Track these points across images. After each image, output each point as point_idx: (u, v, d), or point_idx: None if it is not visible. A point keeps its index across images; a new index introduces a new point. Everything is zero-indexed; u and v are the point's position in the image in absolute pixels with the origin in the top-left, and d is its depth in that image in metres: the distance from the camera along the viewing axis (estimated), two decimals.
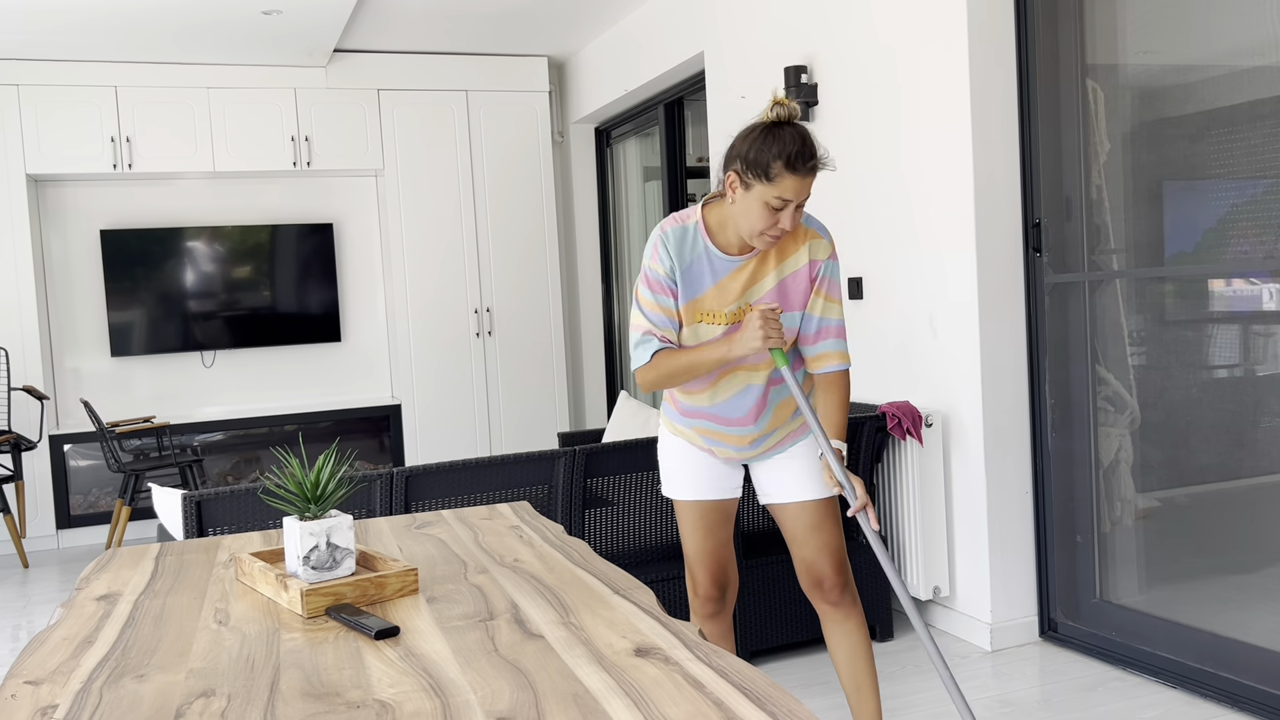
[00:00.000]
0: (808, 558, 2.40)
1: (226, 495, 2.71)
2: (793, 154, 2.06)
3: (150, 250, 5.95)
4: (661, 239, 2.24)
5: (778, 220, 2.12)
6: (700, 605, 2.47)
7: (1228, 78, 2.82)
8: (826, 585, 2.40)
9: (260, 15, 5.00)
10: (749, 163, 2.10)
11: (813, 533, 2.39)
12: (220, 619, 1.48)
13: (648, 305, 2.25)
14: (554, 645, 1.28)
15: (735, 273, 2.24)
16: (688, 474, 2.41)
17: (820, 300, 2.27)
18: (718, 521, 2.44)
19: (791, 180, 2.08)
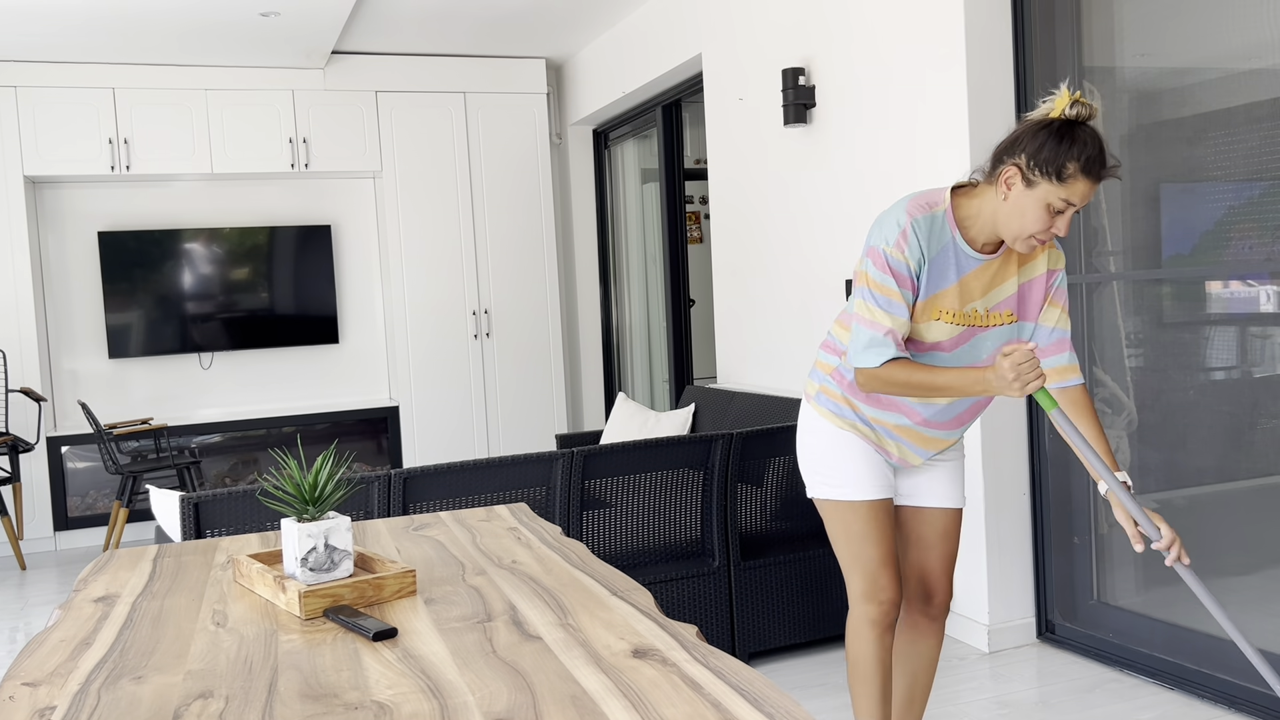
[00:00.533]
0: (928, 565, 2.30)
1: (224, 497, 2.71)
2: (1092, 157, 1.91)
3: (148, 252, 5.95)
4: (913, 226, 2.03)
5: (1053, 224, 1.96)
6: (885, 614, 2.24)
7: (1224, 80, 2.82)
8: (937, 600, 2.31)
9: (258, 17, 5.01)
10: (1039, 160, 1.93)
11: (941, 540, 2.30)
12: (218, 620, 1.48)
13: (887, 295, 2.03)
14: (552, 646, 1.28)
15: (979, 271, 2.07)
16: (869, 471, 2.22)
17: (1056, 311, 2.13)
18: (893, 521, 2.27)
19: (1084, 185, 1.92)
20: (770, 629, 3.40)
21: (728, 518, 3.33)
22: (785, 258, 4.40)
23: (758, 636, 3.38)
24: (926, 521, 2.29)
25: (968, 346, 2.10)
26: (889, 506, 2.24)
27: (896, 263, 2.03)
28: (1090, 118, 1.96)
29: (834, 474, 2.23)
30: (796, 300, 4.35)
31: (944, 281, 2.05)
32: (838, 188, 4.00)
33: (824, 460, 2.24)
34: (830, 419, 2.25)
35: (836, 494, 2.23)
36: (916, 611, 2.33)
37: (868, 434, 2.22)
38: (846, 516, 2.23)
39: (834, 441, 2.24)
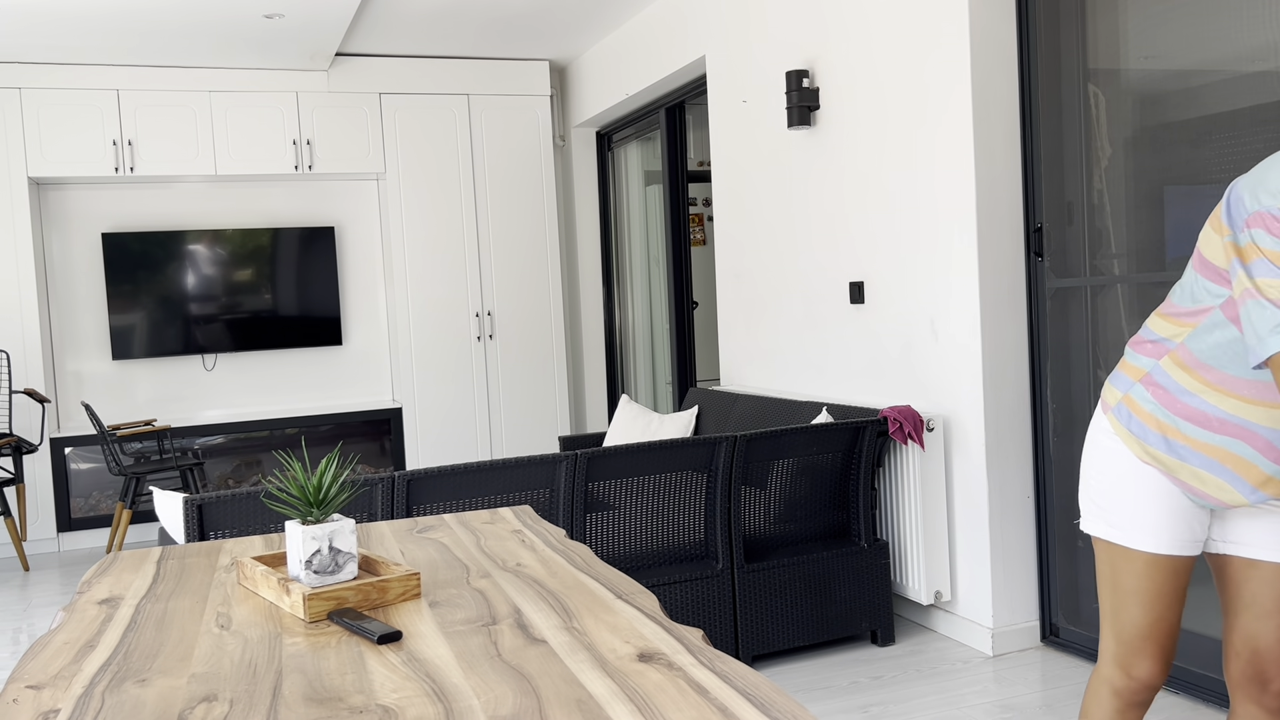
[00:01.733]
0: (1263, 640, 1.76)
1: (228, 499, 2.71)
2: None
3: (151, 253, 5.96)
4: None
5: None
6: (1133, 691, 1.81)
7: (1230, 82, 2.82)
8: (1275, 686, 1.77)
9: (262, 19, 5.01)
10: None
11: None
12: (222, 623, 1.47)
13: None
14: (557, 650, 1.27)
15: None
16: (1161, 513, 1.75)
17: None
18: (1185, 584, 1.79)
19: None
20: (774, 632, 3.40)
21: (731, 520, 3.32)
22: (789, 260, 4.40)
23: (761, 639, 3.38)
24: (1265, 580, 1.75)
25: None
26: (1180, 566, 1.77)
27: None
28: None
29: (1117, 511, 1.78)
30: (800, 302, 4.34)
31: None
32: (841, 190, 4.00)
33: (1109, 492, 1.79)
34: (1130, 443, 1.77)
35: (1113, 535, 1.78)
36: (1249, 700, 1.80)
37: (1179, 469, 1.72)
38: (1119, 564, 1.78)
39: (1127, 472, 1.77)
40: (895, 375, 3.77)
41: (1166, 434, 1.72)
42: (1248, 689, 1.78)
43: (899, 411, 3.49)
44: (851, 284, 3.96)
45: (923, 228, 3.58)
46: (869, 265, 3.88)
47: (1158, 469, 1.74)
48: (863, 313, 3.93)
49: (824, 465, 3.48)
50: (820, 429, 3.44)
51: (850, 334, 4.02)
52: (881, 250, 3.80)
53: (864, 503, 3.53)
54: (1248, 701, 1.79)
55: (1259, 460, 1.66)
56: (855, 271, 3.96)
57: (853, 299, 3.95)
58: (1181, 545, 1.75)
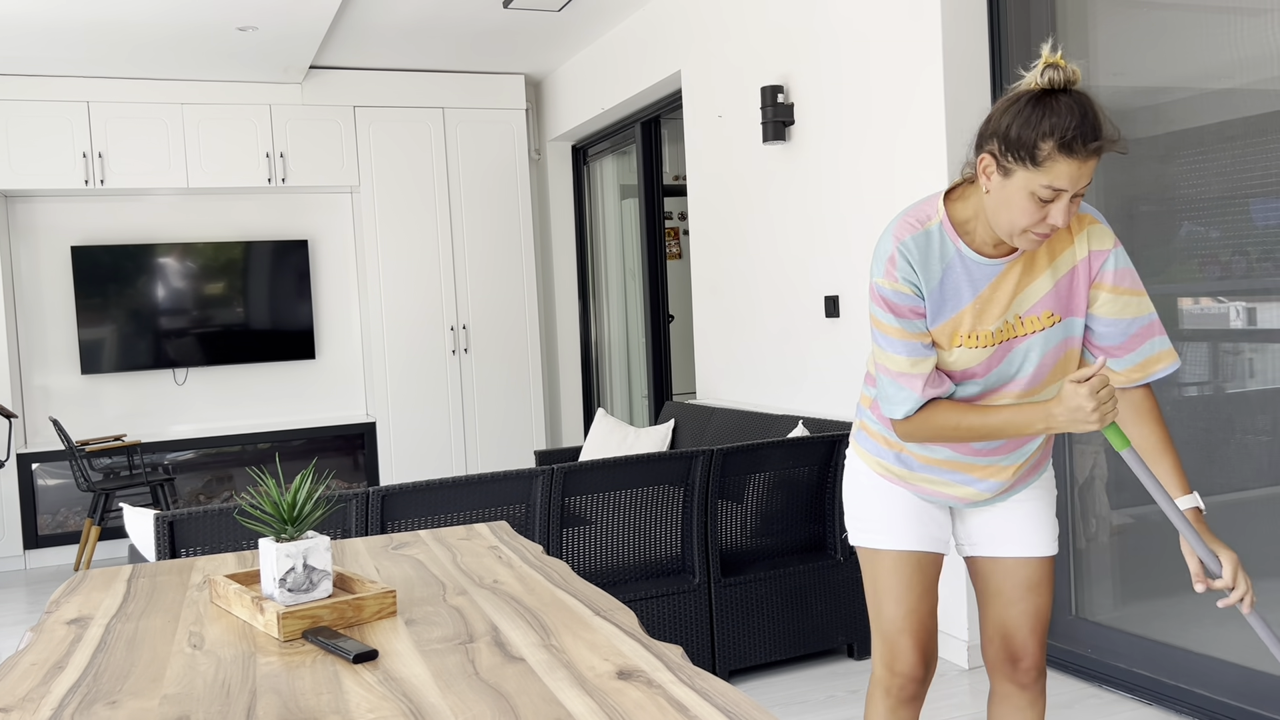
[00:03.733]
0: (1010, 625, 1.96)
1: (200, 515, 2.67)
2: (1069, 130, 1.57)
3: (122, 266, 5.90)
4: (900, 251, 1.75)
5: (1046, 215, 1.64)
6: (900, 686, 1.97)
7: (1196, 99, 2.86)
8: (1024, 664, 1.96)
9: (235, 31, 4.98)
10: (1010, 142, 1.62)
11: (1026, 594, 1.94)
12: (194, 643, 1.45)
13: (896, 335, 1.77)
14: (535, 668, 1.26)
15: (999, 279, 1.76)
16: (898, 517, 1.95)
17: (1122, 298, 1.76)
18: (933, 580, 1.97)
19: (1066, 165, 1.59)
20: (751, 646, 3.39)
21: (708, 534, 3.32)
22: (764, 274, 4.42)
23: (738, 654, 3.37)
24: (1005, 573, 1.95)
25: (1004, 365, 1.80)
26: (925, 562, 1.95)
27: (893, 294, 1.76)
28: (1071, 82, 1.63)
29: (866, 519, 1.99)
30: (775, 317, 4.36)
31: (960, 302, 1.77)
32: (816, 205, 4.02)
33: (859, 504, 2.00)
34: (868, 461, 1.99)
35: (865, 540, 1.98)
36: (1004, 679, 1.99)
37: (910, 477, 1.94)
38: (873, 566, 1.96)
39: (869, 486, 1.99)
40: None
41: (895, 449, 1.94)
42: (1002, 669, 1.98)
43: None
44: (827, 298, 3.98)
45: None
46: (844, 280, 3.89)
47: (892, 479, 1.95)
48: (838, 327, 3.95)
49: (800, 479, 3.49)
50: (796, 442, 3.44)
51: (825, 348, 4.03)
52: (856, 265, 3.82)
53: (839, 516, 3.54)
54: (1003, 680, 1.99)
55: (974, 459, 1.88)
56: (830, 286, 3.98)
57: (828, 313, 3.97)
58: (924, 543, 1.95)
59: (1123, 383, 1.80)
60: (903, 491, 1.96)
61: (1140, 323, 1.78)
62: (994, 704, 2.02)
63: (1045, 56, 1.63)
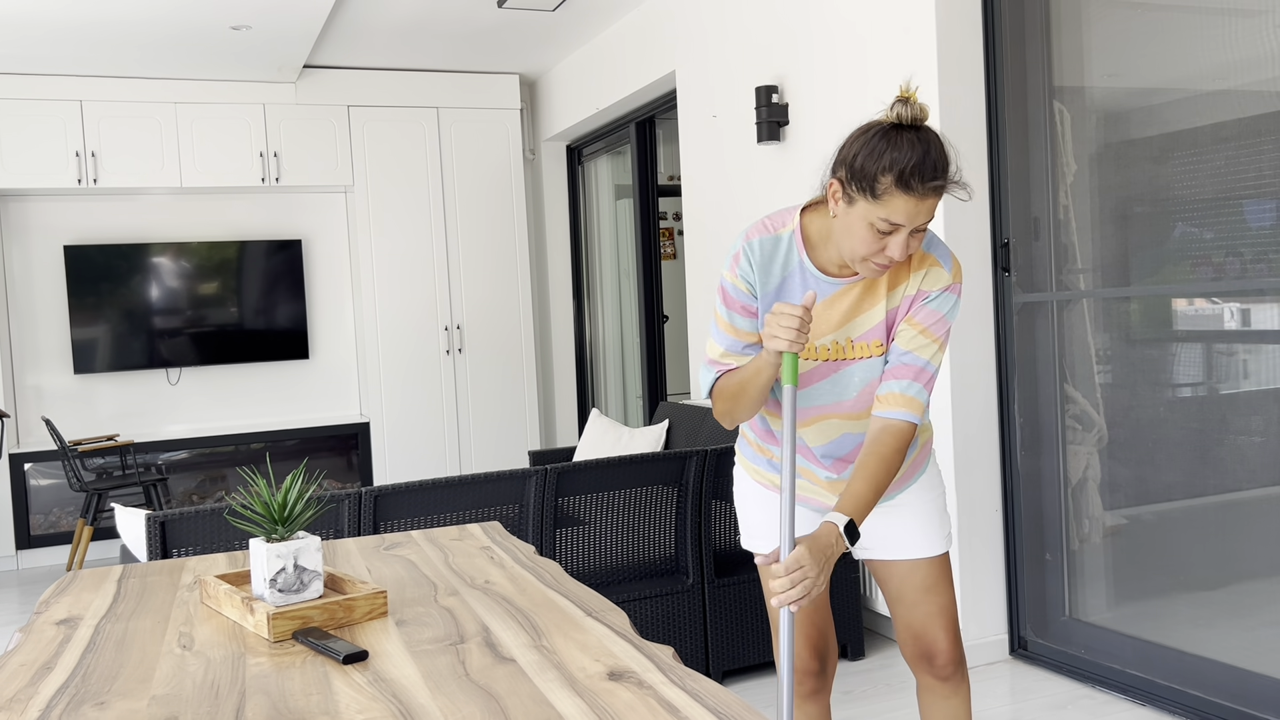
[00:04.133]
0: (916, 625, 1.99)
1: (191, 516, 2.66)
2: (908, 168, 1.61)
3: (115, 266, 5.88)
4: (745, 249, 1.83)
5: (884, 246, 1.68)
6: (797, 682, 2.06)
7: (1190, 100, 2.86)
8: (939, 660, 1.99)
9: (229, 30, 4.97)
10: (854, 171, 1.66)
11: (925, 595, 1.97)
12: (184, 643, 1.44)
13: (721, 325, 1.87)
14: (526, 669, 1.26)
15: (835, 298, 1.82)
16: (774, 524, 2.02)
17: (911, 331, 1.81)
18: None
19: (903, 201, 1.63)
20: (744, 647, 3.39)
21: (701, 535, 3.31)
22: None
23: (731, 654, 3.37)
24: (900, 576, 1.98)
25: (829, 383, 1.86)
26: None
27: (731, 287, 1.83)
28: (917, 120, 1.66)
29: (748, 524, 2.06)
30: None
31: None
32: None
33: (741, 510, 2.07)
34: (746, 468, 2.06)
35: (750, 544, 2.06)
36: (924, 673, 2.02)
37: (769, 478, 2.00)
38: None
39: (749, 492, 2.04)
40: None
41: (765, 455, 1.99)
42: (920, 664, 2.01)
43: None
44: None
45: None
46: None
47: (768, 486, 2.00)
48: None
49: None
50: None
51: None
52: None
53: None
54: (924, 674, 2.02)
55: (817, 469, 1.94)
56: None
57: None
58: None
59: (876, 406, 1.83)
60: (770, 495, 2.01)
61: (911, 359, 1.81)
62: (921, 695, 2.06)
63: (900, 90, 1.67)
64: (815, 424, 1.90)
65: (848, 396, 1.87)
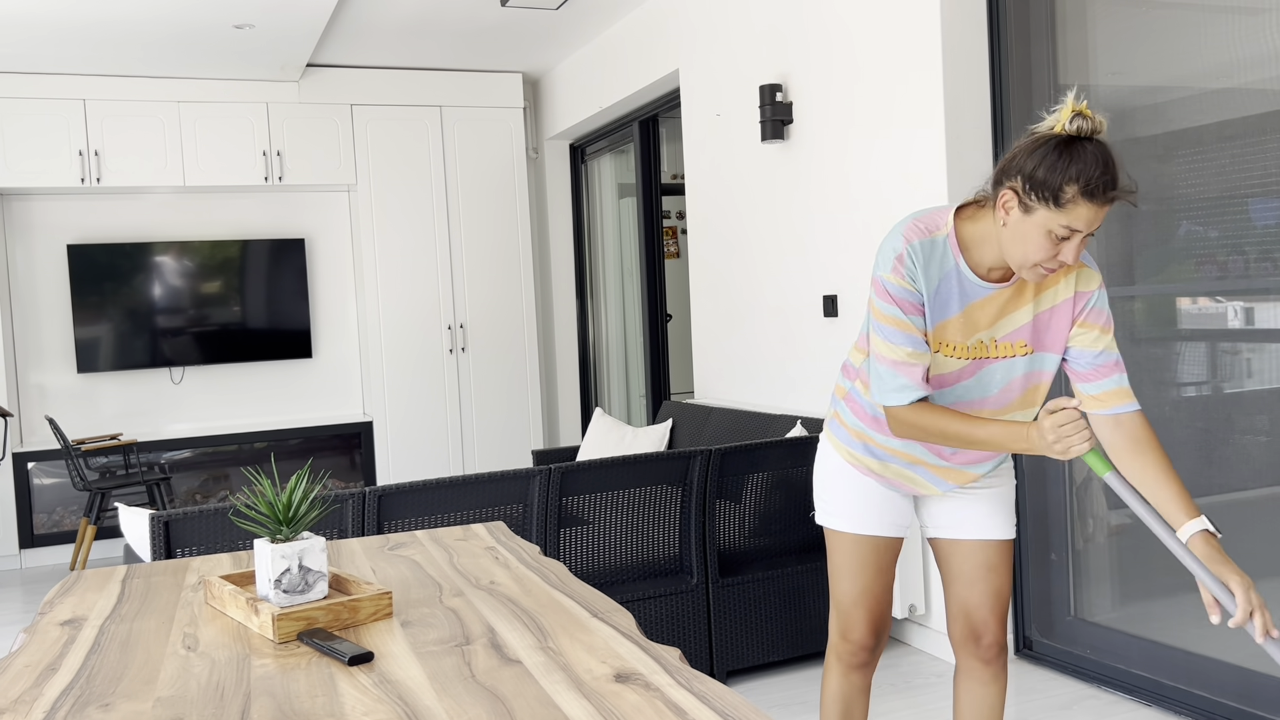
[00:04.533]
0: (971, 604, 2.10)
1: (195, 515, 2.66)
2: (1094, 178, 1.71)
3: (118, 265, 5.88)
4: (909, 252, 1.88)
5: (1059, 252, 1.78)
6: (851, 653, 2.17)
7: (1195, 99, 2.85)
8: (986, 640, 2.10)
9: (232, 29, 4.97)
10: (1035, 182, 1.75)
11: (986, 574, 2.09)
12: (189, 645, 1.44)
13: (899, 327, 1.88)
14: (532, 671, 1.25)
15: (986, 301, 1.91)
16: (859, 502, 2.11)
17: (1094, 332, 1.92)
18: (888, 562, 2.15)
19: (1086, 209, 1.73)
20: (749, 647, 3.38)
21: (706, 535, 3.31)
22: (763, 273, 4.41)
23: (736, 654, 3.36)
24: (965, 555, 2.10)
25: (974, 380, 1.96)
26: (882, 545, 2.12)
27: (898, 289, 1.88)
28: (1096, 132, 1.76)
29: (831, 501, 2.15)
30: (774, 316, 4.35)
31: (947, 311, 1.90)
32: (815, 204, 4.01)
33: (826, 487, 2.16)
34: (839, 449, 2.14)
35: (828, 521, 2.15)
36: (968, 655, 2.12)
37: (875, 467, 2.09)
38: (834, 545, 2.14)
39: (836, 471, 2.14)
40: None
41: (865, 441, 2.08)
42: (966, 645, 2.12)
43: None
44: (825, 298, 3.97)
45: None
46: (842, 279, 3.89)
47: (860, 469, 2.10)
48: (836, 326, 3.94)
49: (798, 479, 3.48)
50: (794, 442, 3.43)
51: (824, 347, 4.02)
52: (854, 265, 3.81)
53: None
54: (968, 656, 2.12)
55: (938, 460, 2.04)
56: (828, 285, 3.97)
57: (826, 312, 3.96)
58: (882, 529, 2.11)
59: (1094, 408, 1.93)
60: (868, 480, 2.11)
61: (1106, 357, 1.93)
62: (959, 678, 2.16)
63: (1072, 104, 1.75)
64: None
65: (990, 393, 1.97)
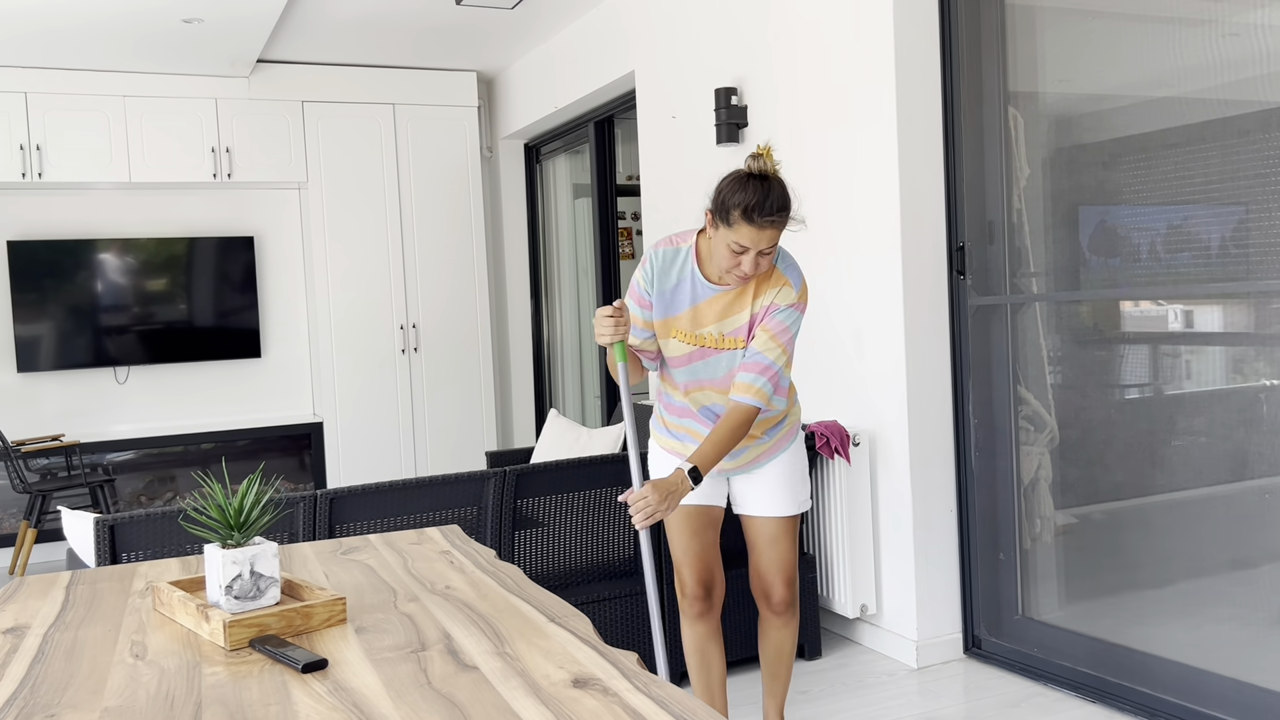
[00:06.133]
0: (762, 568, 2.60)
1: (141, 519, 2.61)
2: (751, 205, 2.22)
3: (61, 262, 5.75)
4: (652, 256, 2.46)
5: (739, 263, 2.29)
6: (688, 605, 2.62)
7: (1139, 106, 2.92)
8: (775, 598, 2.61)
9: (180, 23, 4.88)
10: (717, 206, 2.29)
11: (771, 545, 2.57)
12: (137, 652, 1.41)
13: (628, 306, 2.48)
14: (489, 677, 1.25)
15: (713, 300, 2.42)
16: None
17: (764, 336, 2.39)
18: (702, 525, 2.59)
19: (748, 230, 2.23)
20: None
21: (661, 536, 3.31)
22: None
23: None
24: (754, 529, 2.59)
25: (703, 364, 2.47)
26: (696, 511, 2.58)
27: (635, 284, 2.49)
28: (762, 171, 2.28)
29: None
30: None
31: (679, 306, 2.45)
32: None
33: (654, 473, 2.65)
34: (656, 439, 2.66)
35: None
36: (765, 609, 2.64)
37: (678, 448, 2.58)
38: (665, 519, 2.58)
39: (656, 454, 2.66)
40: (823, 390, 3.81)
41: (669, 427, 2.61)
42: (763, 601, 2.63)
43: (825, 427, 3.52)
44: None
45: (848, 246, 3.63)
46: None
47: (671, 452, 2.61)
48: None
49: None
50: None
51: None
52: (809, 268, 3.84)
53: None
54: (765, 609, 2.64)
55: (704, 430, 2.51)
56: None
57: None
58: (699, 498, 2.58)
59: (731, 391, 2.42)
60: (678, 460, 2.58)
61: (758, 357, 2.38)
62: (761, 626, 2.68)
63: (756, 150, 2.33)
64: (696, 392, 2.51)
65: (718, 376, 2.49)
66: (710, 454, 2.35)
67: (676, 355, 2.48)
